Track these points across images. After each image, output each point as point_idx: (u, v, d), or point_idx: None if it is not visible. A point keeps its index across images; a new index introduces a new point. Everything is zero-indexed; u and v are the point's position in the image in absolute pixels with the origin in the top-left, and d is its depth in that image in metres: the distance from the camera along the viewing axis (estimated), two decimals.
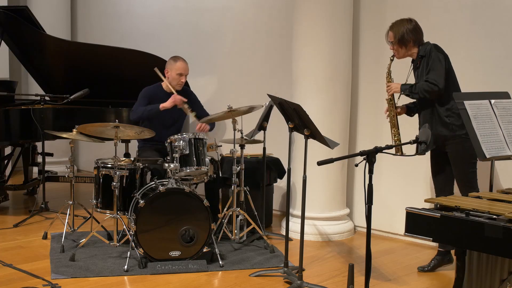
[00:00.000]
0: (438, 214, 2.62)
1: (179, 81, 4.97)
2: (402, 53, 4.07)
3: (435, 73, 3.85)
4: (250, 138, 4.85)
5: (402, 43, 4.01)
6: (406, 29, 3.99)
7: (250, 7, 6.19)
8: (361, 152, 2.97)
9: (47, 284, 3.75)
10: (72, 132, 4.56)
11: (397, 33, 4.01)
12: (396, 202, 5.03)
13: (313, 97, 4.94)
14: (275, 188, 5.60)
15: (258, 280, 3.98)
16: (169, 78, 4.96)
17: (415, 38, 4.01)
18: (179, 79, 4.95)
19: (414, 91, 3.93)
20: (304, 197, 3.79)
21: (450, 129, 3.90)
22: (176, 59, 4.98)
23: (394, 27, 4.05)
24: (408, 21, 4.04)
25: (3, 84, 6.32)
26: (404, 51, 4.05)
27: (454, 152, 3.95)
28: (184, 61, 4.99)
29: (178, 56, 5.02)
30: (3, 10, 5.75)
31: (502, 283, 2.62)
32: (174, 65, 4.94)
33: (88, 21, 8.24)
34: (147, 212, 4.13)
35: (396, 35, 4.01)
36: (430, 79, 3.85)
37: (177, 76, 4.94)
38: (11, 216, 5.69)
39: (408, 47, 4.03)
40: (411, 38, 4.00)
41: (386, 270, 4.26)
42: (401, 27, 4.01)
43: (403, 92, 4.02)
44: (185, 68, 4.98)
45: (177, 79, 4.95)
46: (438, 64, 3.88)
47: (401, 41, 4.01)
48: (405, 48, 4.03)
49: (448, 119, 3.91)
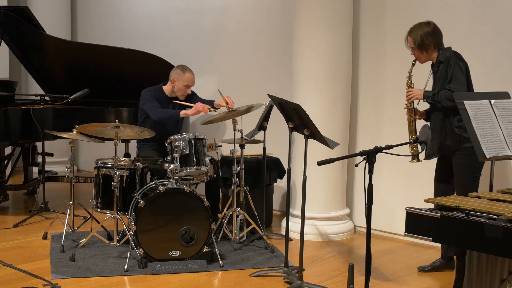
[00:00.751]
0: (438, 214, 2.61)
1: (185, 92, 4.96)
2: (423, 58, 3.98)
3: (457, 82, 3.79)
4: (250, 138, 4.85)
5: (423, 48, 3.93)
6: (425, 33, 3.90)
7: (250, 7, 6.19)
8: (361, 152, 2.98)
9: (47, 284, 3.75)
10: (72, 132, 4.56)
11: (416, 38, 3.92)
12: (396, 202, 5.03)
13: (313, 97, 4.94)
14: (275, 188, 5.60)
15: (258, 280, 3.98)
16: (175, 87, 4.94)
17: (435, 42, 3.92)
18: (185, 90, 4.95)
19: (437, 99, 3.85)
20: (304, 197, 3.79)
21: (459, 140, 3.86)
22: (184, 70, 4.93)
23: (412, 32, 3.96)
24: (426, 25, 3.94)
25: (3, 84, 6.32)
26: (426, 55, 3.96)
27: (459, 164, 3.91)
28: (192, 72, 4.97)
29: (185, 67, 4.98)
30: (3, 10, 5.75)
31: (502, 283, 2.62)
32: (182, 76, 4.91)
33: (88, 21, 8.24)
34: (147, 212, 4.13)
35: (415, 40, 3.92)
36: (452, 88, 3.78)
37: (184, 88, 4.93)
38: (11, 216, 5.69)
39: (429, 51, 3.94)
40: (431, 42, 3.91)
41: (386, 270, 4.26)
42: (420, 32, 3.91)
43: (425, 99, 3.94)
44: (193, 81, 4.97)
45: (183, 90, 4.94)
46: (460, 74, 3.81)
47: (421, 46, 3.92)
48: (426, 53, 3.95)
49: (458, 130, 3.85)
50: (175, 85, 4.94)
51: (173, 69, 5.01)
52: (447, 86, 3.83)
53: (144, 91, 4.99)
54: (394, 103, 5.05)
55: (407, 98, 4.03)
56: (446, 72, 3.87)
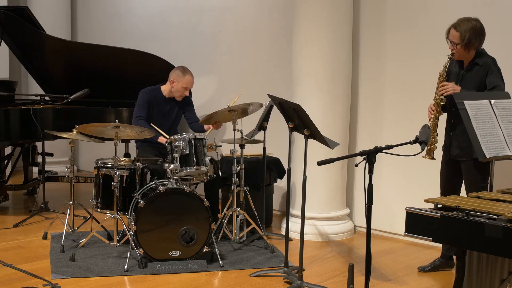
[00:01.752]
0: (438, 214, 2.61)
1: (183, 94, 4.98)
2: (462, 55, 3.88)
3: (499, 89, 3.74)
4: (250, 138, 4.85)
5: (467, 47, 3.82)
6: (474, 32, 3.79)
7: (250, 7, 6.19)
8: (361, 152, 2.97)
9: (47, 284, 3.75)
10: (72, 132, 4.56)
11: (464, 35, 3.79)
12: (396, 202, 5.03)
13: (313, 97, 4.94)
14: (275, 188, 5.60)
15: (258, 280, 3.98)
16: (173, 88, 4.95)
17: (480, 41, 3.85)
18: (183, 92, 4.96)
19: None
20: (304, 197, 3.79)
21: None
22: (185, 72, 4.94)
23: (461, 27, 3.79)
24: (475, 22, 3.81)
25: (3, 84, 6.32)
26: (466, 53, 3.86)
27: (470, 163, 3.88)
28: (192, 74, 4.98)
29: (186, 69, 4.98)
30: (3, 10, 5.75)
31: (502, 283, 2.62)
32: (182, 78, 4.92)
33: (88, 21, 8.24)
34: (147, 212, 4.13)
35: (463, 37, 3.79)
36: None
37: (183, 89, 4.94)
38: (11, 216, 5.69)
39: (471, 50, 3.85)
40: (477, 42, 3.83)
41: (386, 270, 4.26)
42: (469, 29, 3.79)
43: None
44: (192, 83, 4.99)
45: (181, 92, 4.95)
46: (502, 83, 3.78)
47: (467, 45, 3.81)
48: (468, 51, 3.85)
49: None
50: (174, 86, 4.94)
51: (173, 70, 5.01)
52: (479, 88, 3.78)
53: (140, 92, 5.00)
54: (394, 103, 5.06)
55: (441, 92, 3.85)
56: (481, 76, 3.81)
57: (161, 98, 5.00)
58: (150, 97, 4.97)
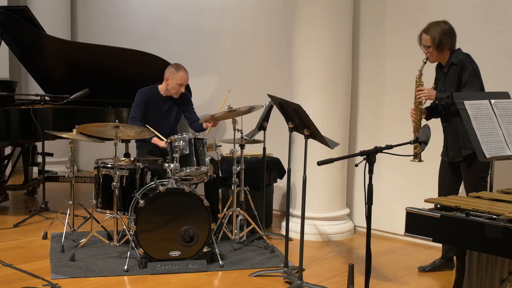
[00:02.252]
0: (438, 214, 2.61)
1: (179, 91, 4.97)
2: (436, 57, 3.93)
3: (472, 86, 3.77)
4: (250, 138, 4.85)
5: (439, 48, 3.88)
6: (444, 33, 3.86)
7: (250, 7, 6.19)
8: (361, 152, 2.97)
9: (47, 284, 3.75)
10: (72, 132, 4.56)
11: (435, 37, 3.86)
12: (396, 202, 5.03)
13: (313, 97, 4.94)
14: (275, 188, 5.60)
15: (258, 280, 3.98)
16: (169, 86, 4.96)
17: (451, 42, 3.90)
18: (178, 88, 4.95)
19: (450, 101, 3.77)
20: (304, 197, 3.79)
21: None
22: (178, 68, 4.95)
23: (431, 30, 3.88)
24: (444, 24, 3.90)
25: (3, 84, 6.32)
26: (440, 55, 3.92)
27: (469, 164, 3.89)
28: (186, 71, 4.98)
29: (180, 65, 4.99)
30: (3, 10, 5.75)
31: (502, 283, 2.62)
32: (176, 74, 4.92)
33: (88, 21, 8.24)
34: (147, 212, 4.13)
35: (433, 39, 3.86)
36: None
37: (177, 86, 4.94)
38: (11, 216, 5.69)
39: (444, 51, 3.91)
40: (449, 42, 3.88)
41: (386, 270, 4.26)
42: (440, 31, 3.86)
43: (438, 101, 3.89)
44: (186, 79, 4.99)
45: (176, 88, 4.95)
46: (476, 79, 3.80)
47: (439, 46, 3.87)
48: (441, 52, 3.91)
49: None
50: (169, 83, 4.95)
51: (167, 68, 5.02)
52: (462, 90, 3.80)
53: (137, 92, 5.02)
54: (394, 103, 5.06)
55: (418, 97, 3.94)
56: (459, 75, 3.84)
57: (159, 97, 5.00)
58: (147, 96, 4.97)
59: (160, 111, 5.01)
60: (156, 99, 4.99)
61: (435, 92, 3.91)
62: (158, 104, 4.98)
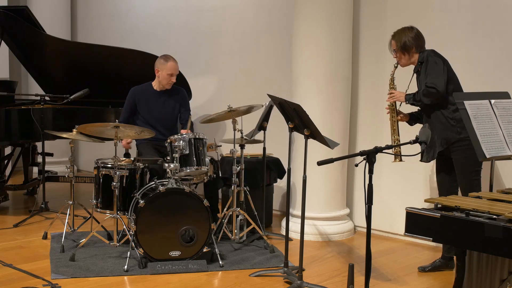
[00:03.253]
0: (438, 214, 2.61)
1: (170, 81, 4.97)
2: (405, 60, 4.07)
3: (432, 77, 3.86)
4: (250, 138, 4.85)
5: (405, 50, 4.02)
6: (407, 36, 4.01)
7: (250, 7, 6.19)
8: (361, 152, 2.97)
9: (47, 284, 3.74)
10: (72, 132, 4.56)
11: (399, 40, 4.03)
12: (396, 202, 5.03)
13: (313, 97, 4.94)
14: (275, 188, 5.60)
15: (258, 280, 3.98)
16: (159, 77, 4.96)
17: (416, 44, 4.01)
18: (169, 79, 4.95)
19: (417, 98, 3.93)
20: (304, 197, 3.79)
21: (456, 131, 3.89)
22: (167, 59, 4.94)
23: (396, 35, 4.08)
24: (409, 29, 4.06)
25: (3, 84, 6.32)
26: (407, 58, 4.05)
27: (459, 159, 3.93)
28: (175, 60, 4.96)
29: (168, 56, 4.99)
30: (3, 10, 5.75)
31: (502, 283, 2.62)
32: (165, 65, 4.92)
33: (88, 21, 8.25)
34: (147, 212, 4.13)
35: (398, 42, 4.03)
36: (428, 83, 3.86)
37: (168, 76, 4.93)
38: (11, 216, 5.69)
39: (410, 53, 4.03)
40: (413, 44, 4.00)
41: (386, 270, 4.26)
42: (403, 35, 4.03)
43: (407, 101, 4.01)
44: (176, 68, 4.96)
45: (167, 79, 4.94)
46: (435, 67, 3.89)
47: (404, 48, 4.01)
48: (408, 55, 4.04)
49: (453, 122, 3.90)
50: (159, 75, 4.96)
51: (157, 59, 5.02)
52: (425, 82, 3.90)
53: (130, 90, 5.04)
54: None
55: (389, 100, 4.11)
56: (425, 70, 3.95)
57: (152, 92, 5.01)
58: (134, 94, 5.00)
59: (154, 106, 5.00)
60: (148, 95, 4.99)
61: (404, 94, 4.05)
62: (151, 99, 4.97)
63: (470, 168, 3.90)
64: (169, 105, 5.04)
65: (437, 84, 3.83)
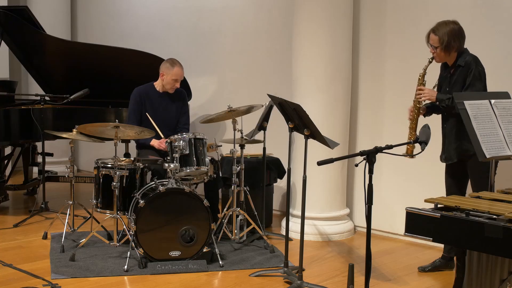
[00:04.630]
0: (438, 214, 2.61)
1: (174, 86, 4.97)
2: (443, 58, 3.90)
3: (474, 89, 3.73)
4: (250, 138, 4.85)
5: (447, 50, 3.85)
6: (452, 35, 3.82)
7: (250, 7, 6.19)
8: (361, 152, 2.97)
9: (47, 284, 3.74)
10: (72, 132, 4.56)
11: (443, 38, 3.82)
12: (396, 202, 5.03)
13: (313, 97, 4.94)
14: (275, 188, 5.60)
15: (258, 280, 3.98)
16: (164, 81, 4.96)
17: (459, 44, 3.86)
18: (174, 84, 4.95)
19: (451, 104, 3.75)
20: (304, 197, 3.79)
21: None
22: (173, 64, 4.94)
23: (439, 31, 3.84)
24: (454, 25, 3.85)
25: (3, 84, 6.32)
26: (446, 56, 3.89)
27: (475, 166, 3.86)
28: (181, 66, 4.96)
29: (175, 61, 4.98)
30: (3, 10, 5.75)
31: (502, 283, 2.62)
32: (171, 70, 4.91)
33: (88, 21, 8.24)
34: (147, 212, 4.13)
35: (442, 40, 3.83)
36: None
37: (172, 81, 4.93)
38: (11, 216, 5.69)
39: (451, 53, 3.87)
40: (456, 44, 3.84)
41: (386, 270, 4.26)
42: (448, 33, 3.81)
43: (438, 102, 3.86)
44: (181, 75, 4.97)
45: (171, 84, 4.94)
46: (479, 83, 3.76)
47: (447, 48, 3.84)
48: (448, 54, 3.87)
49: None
50: (164, 79, 4.95)
51: (162, 63, 5.01)
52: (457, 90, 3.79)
53: (133, 91, 5.03)
54: (394, 103, 5.05)
55: (418, 97, 3.93)
56: (465, 76, 3.81)
57: (155, 93, 5.01)
58: (141, 94, 4.99)
59: (158, 107, 5.00)
60: (151, 96, 4.99)
61: (436, 93, 3.89)
62: (154, 100, 4.98)
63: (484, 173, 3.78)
64: (171, 107, 5.05)
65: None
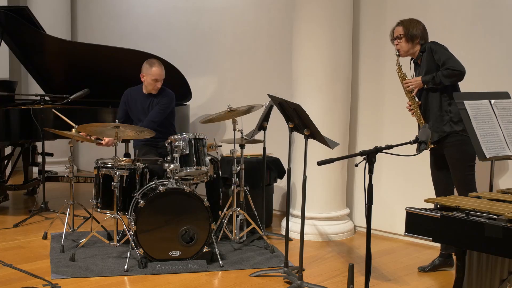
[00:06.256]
0: (438, 214, 2.61)
1: (155, 86, 4.93)
2: (406, 48, 4.06)
3: (451, 60, 3.86)
4: (250, 138, 4.85)
5: (410, 39, 4.02)
6: (416, 26, 4.03)
7: (250, 7, 6.19)
8: (361, 152, 2.97)
9: (47, 284, 3.75)
10: (72, 132, 4.56)
11: (407, 28, 4.03)
12: (396, 202, 5.03)
13: (313, 97, 4.94)
14: (275, 188, 5.60)
15: (258, 280, 3.98)
16: (145, 82, 4.95)
17: (422, 36, 4.03)
18: (154, 84, 4.91)
19: (437, 81, 3.89)
20: (304, 197, 3.79)
21: (449, 125, 3.92)
22: (151, 64, 4.90)
23: (404, 23, 4.07)
24: (418, 21, 4.08)
25: (3, 84, 6.32)
26: (410, 47, 4.05)
27: (452, 154, 3.94)
28: (160, 66, 4.92)
29: (153, 61, 4.95)
30: (3, 10, 5.74)
31: (502, 283, 2.62)
32: (150, 70, 4.89)
33: (88, 21, 8.24)
34: (147, 212, 4.13)
35: (405, 30, 4.03)
36: (450, 67, 3.83)
37: (153, 82, 4.90)
38: (11, 216, 5.69)
39: (414, 43, 4.04)
40: (419, 35, 4.02)
41: (386, 270, 4.26)
42: (412, 24, 4.04)
43: (426, 85, 3.97)
44: (160, 74, 4.91)
45: (152, 84, 4.91)
46: (446, 52, 3.91)
47: (410, 36, 4.02)
48: (412, 44, 4.04)
49: (449, 114, 3.92)
50: (144, 80, 4.95)
51: (143, 64, 5.00)
52: (444, 67, 3.87)
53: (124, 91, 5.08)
54: (394, 103, 5.05)
55: (408, 89, 4.05)
56: (429, 59, 3.94)
57: (140, 95, 5.00)
58: (126, 96, 5.05)
59: (138, 107, 4.99)
60: (136, 98, 4.99)
61: (420, 78, 4.00)
62: (137, 101, 4.98)
63: (464, 164, 3.90)
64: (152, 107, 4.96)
65: (458, 65, 3.83)
